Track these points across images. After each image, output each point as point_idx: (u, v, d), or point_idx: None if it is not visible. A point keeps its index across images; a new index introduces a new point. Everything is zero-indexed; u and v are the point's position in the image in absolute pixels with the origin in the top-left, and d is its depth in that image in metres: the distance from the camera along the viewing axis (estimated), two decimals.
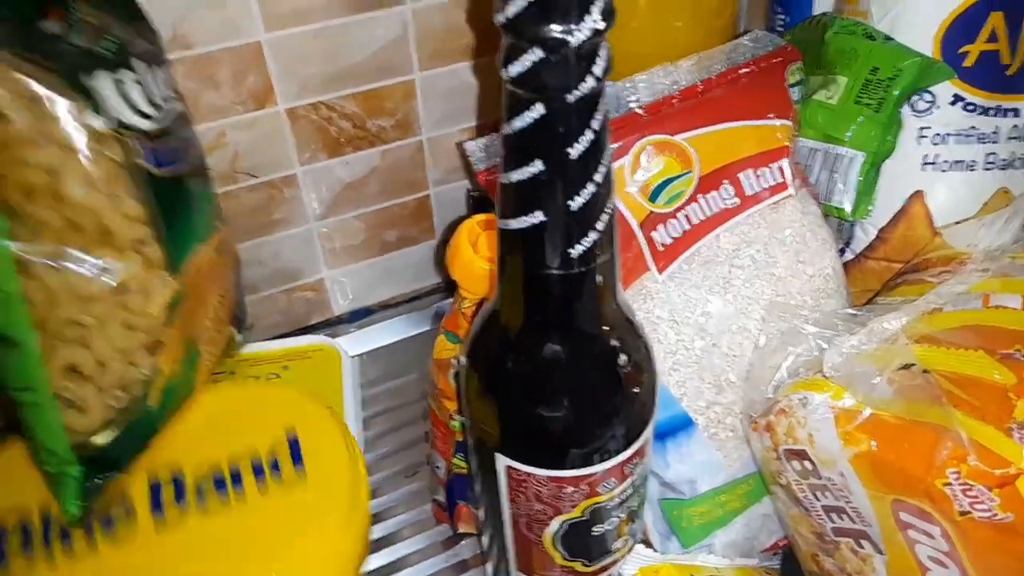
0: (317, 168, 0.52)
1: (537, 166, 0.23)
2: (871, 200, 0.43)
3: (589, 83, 0.21)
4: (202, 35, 0.43)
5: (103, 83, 0.30)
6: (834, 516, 0.34)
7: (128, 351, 0.32)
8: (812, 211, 0.41)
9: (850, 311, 0.36)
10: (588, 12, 0.20)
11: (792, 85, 0.41)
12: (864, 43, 0.43)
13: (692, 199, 0.38)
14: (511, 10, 0.20)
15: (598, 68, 0.21)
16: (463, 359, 0.32)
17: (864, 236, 0.47)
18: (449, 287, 0.62)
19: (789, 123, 0.40)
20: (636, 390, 0.30)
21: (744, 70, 0.40)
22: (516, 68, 0.21)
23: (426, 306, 0.62)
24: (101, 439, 0.32)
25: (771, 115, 0.40)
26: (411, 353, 0.59)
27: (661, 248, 0.38)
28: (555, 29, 0.20)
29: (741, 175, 0.39)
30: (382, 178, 0.55)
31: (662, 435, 0.38)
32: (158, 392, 0.32)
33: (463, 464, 0.43)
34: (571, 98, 0.21)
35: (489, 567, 0.42)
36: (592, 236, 0.25)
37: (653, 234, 0.38)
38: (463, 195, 0.59)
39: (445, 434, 0.43)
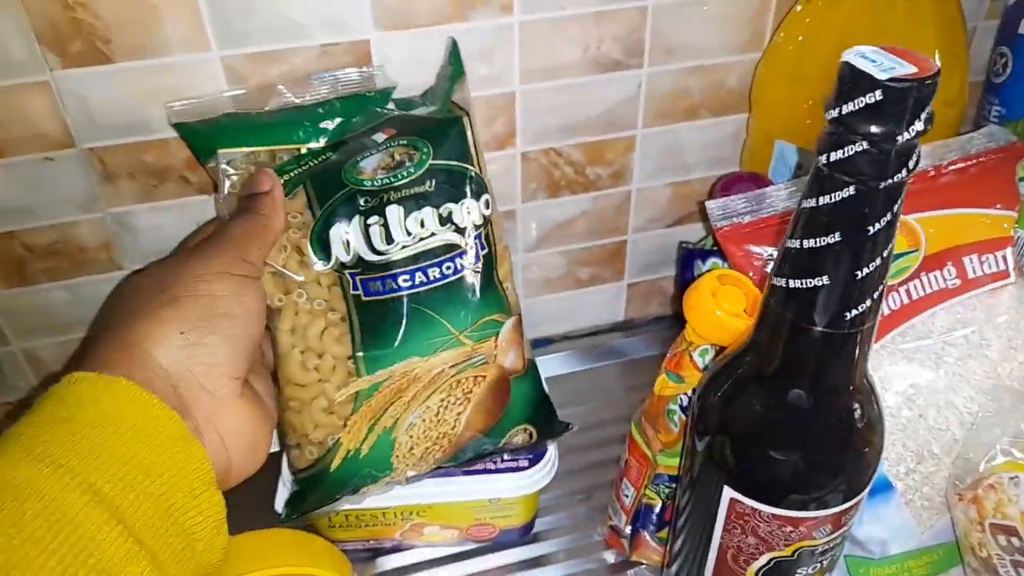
0: (535, 206, 0.57)
1: (835, 238, 0.26)
2: None
3: (902, 175, 0.25)
4: (470, 81, 0.49)
5: (353, 226, 0.41)
6: None
7: (324, 424, 0.42)
8: None
9: None
10: (917, 118, 0.23)
11: (1021, 179, 0.43)
12: None
13: (915, 275, 0.41)
14: (846, 108, 0.24)
15: (912, 163, 0.25)
16: (703, 394, 0.35)
17: None
18: (626, 327, 0.67)
19: (1015, 214, 0.42)
20: (867, 449, 0.33)
21: (975, 161, 0.42)
22: (837, 155, 0.25)
23: (603, 343, 0.66)
24: (301, 477, 0.43)
25: (998, 205, 0.42)
26: (586, 384, 0.63)
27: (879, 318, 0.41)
28: (886, 129, 0.23)
29: (965, 259, 0.41)
30: (589, 220, 0.60)
31: None
32: (340, 459, 0.42)
33: (654, 495, 0.47)
34: (883, 185, 0.25)
35: None
36: (867, 303, 0.28)
37: None
38: (658, 243, 0.62)
39: (642, 465, 0.46)
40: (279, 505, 0.46)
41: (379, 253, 0.41)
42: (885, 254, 0.27)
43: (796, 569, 0.36)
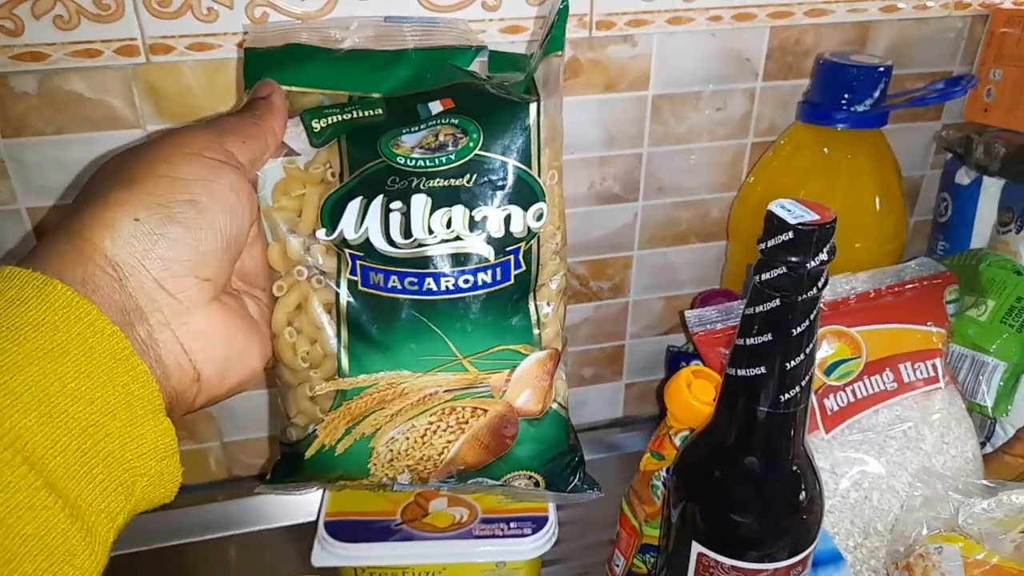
0: None
1: (767, 337, 0.35)
2: (1010, 402, 0.52)
3: (813, 292, 0.34)
4: None
5: (373, 206, 0.36)
6: None
7: (305, 411, 0.40)
8: (958, 403, 0.51)
9: (986, 483, 0.45)
10: (821, 251, 0.33)
11: (948, 302, 0.52)
12: (1012, 277, 0.54)
13: (859, 378, 0.49)
14: (771, 243, 0.33)
15: (820, 283, 0.34)
16: (676, 466, 0.43)
17: (1003, 433, 0.55)
18: (623, 423, 0.74)
19: (944, 331, 0.51)
20: (808, 513, 0.41)
21: (910, 286, 0.51)
22: (766, 276, 0.34)
23: (602, 437, 0.73)
24: (283, 450, 0.42)
25: (929, 323, 0.51)
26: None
27: (829, 413, 0.49)
28: (798, 259, 0.33)
29: (901, 366, 0.49)
30: (592, 326, 0.69)
31: (815, 564, 0.47)
32: (314, 450, 0.40)
33: (642, 565, 0.54)
34: (800, 299, 0.34)
35: None
36: (797, 388, 0.36)
37: (825, 401, 0.49)
38: (652, 348, 0.71)
39: (631, 536, 0.54)
40: (315, 560, 0.53)
41: (393, 244, 0.37)
42: (808, 351, 0.36)
43: None
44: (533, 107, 0.38)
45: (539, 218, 0.39)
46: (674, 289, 0.69)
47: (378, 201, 0.36)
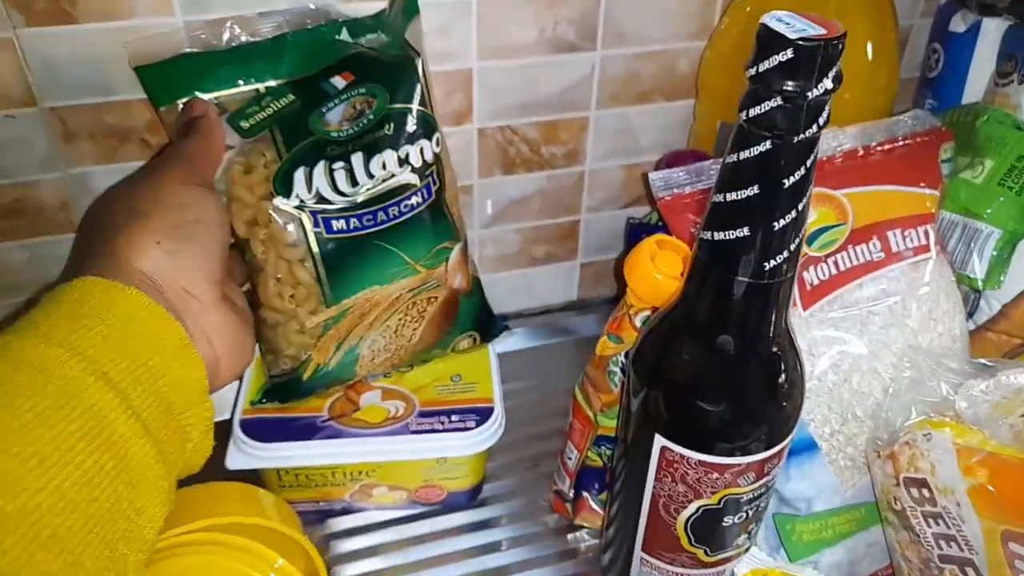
0: (491, 182, 0.59)
1: (753, 190, 0.29)
2: (1003, 273, 0.47)
3: (813, 130, 0.27)
4: (429, 57, 0.51)
5: (316, 171, 0.44)
6: (943, 543, 0.38)
7: (296, 343, 0.47)
8: (947, 275, 0.46)
9: (982, 361, 0.40)
10: (826, 76, 0.26)
11: (943, 161, 0.46)
12: (1013, 132, 0.48)
13: (843, 248, 0.43)
14: (763, 67, 0.26)
15: (822, 119, 0.27)
16: (637, 349, 0.37)
17: (988, 309, 0.50)
18: (578, 306, 0.69)
19: (937, 194, 0.45)
20: (787, 400, 0.35)
21: (901, 142, 0.45)
22: (756, 111, 0.27)
23: (556, 321, 0.68)
24: (275, 380, 0.48)
25: (922, 184, 0.44)
26: (538, 360, 0.65)
27: (809, 287, 0.43)
28: (797, 85, 0.26)
29: (889, 233, 0.44)
30: (544, 199, 0.62)
31: (788, 453, 0.43)
32: (311, 371, 0.48)
33: (596, 457, 0.49)
34: (795, 139, 0.27)
35: (607, 557, 0.47)
36: (785, 254, 0.30)
37: (804, 274, 0.43)
38: (611, 224, 0.65)
39: (584, 427, 0.48)
40: (230, 463, 0.47)
41: (343, 195, 0.44)
42: (800, 207, 0.29)
43: (723, 518, 0.38)
44: (419, 62, 0.47)
45: (438, 143, 0.48)
46: (636, 156, 0.62)
47: (320, 166, 0.44)
